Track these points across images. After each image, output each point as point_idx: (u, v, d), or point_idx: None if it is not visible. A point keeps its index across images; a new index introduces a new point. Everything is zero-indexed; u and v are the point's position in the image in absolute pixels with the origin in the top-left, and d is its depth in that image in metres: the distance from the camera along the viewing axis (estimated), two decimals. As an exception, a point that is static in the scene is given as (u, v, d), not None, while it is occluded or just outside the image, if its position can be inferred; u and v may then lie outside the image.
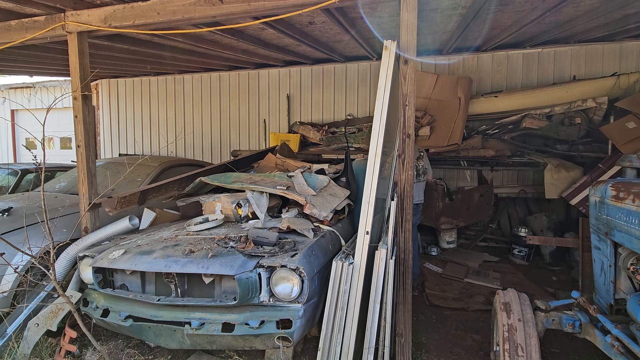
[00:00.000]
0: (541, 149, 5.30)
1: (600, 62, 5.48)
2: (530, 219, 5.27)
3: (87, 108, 3.40)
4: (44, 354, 2.82)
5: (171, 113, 7.74)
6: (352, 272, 2.41)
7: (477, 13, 3.75)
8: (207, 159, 7.41)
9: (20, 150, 10.11)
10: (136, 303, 2.59)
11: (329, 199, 3.27)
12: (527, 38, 5.18)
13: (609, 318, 2.07)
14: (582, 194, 4.43)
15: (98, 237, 3.14)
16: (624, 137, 4.38)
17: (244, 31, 4.51)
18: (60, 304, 2.80)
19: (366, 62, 6.43)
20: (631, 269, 2.07)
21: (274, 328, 2.32)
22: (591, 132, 5.11)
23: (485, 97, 5.55)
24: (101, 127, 8.32)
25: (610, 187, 2.26)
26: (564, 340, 2.95)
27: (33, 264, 2.76)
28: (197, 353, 2.84)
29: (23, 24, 3.50)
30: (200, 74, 7.40)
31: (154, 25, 3.24)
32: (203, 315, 2.42)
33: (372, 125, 2.61)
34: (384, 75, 2.59)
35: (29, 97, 9.61)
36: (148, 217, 3.73)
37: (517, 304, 2.31)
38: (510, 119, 5.43)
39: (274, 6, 2.82)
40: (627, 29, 4.59)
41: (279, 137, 6.56)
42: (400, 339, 2.56)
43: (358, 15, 3.99)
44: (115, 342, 2.99)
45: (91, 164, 3.44)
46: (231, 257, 2.43)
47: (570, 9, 3.85)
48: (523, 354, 2.03)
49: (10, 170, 5.54)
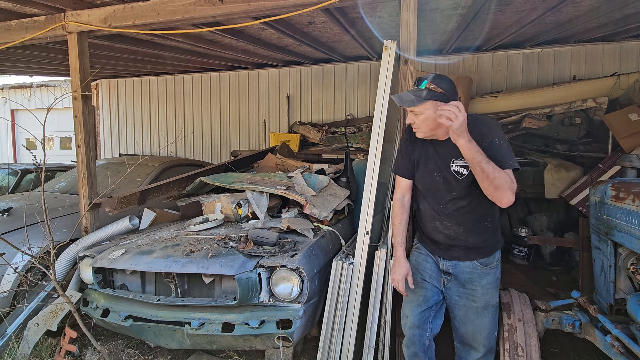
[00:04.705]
0: (541, 149, 5.30)
1: (600, 62, 5.48)
2: (530, 219, 5.26)
3: (87, 108, 3.40)
4: (44, 354, 2.82)
5: (171, 113, 7.73)
6: (352, 272, 2.42)
7: (477, 13, 3.75)
8: (207, 159, 7.41)
9: (20, 150, 10.11)
10: (136, 303, 2.59)
11: (329, 199, 3.27)
12: (527, 38, 5.17)
13: (609, 318, 2.07)
14: (582, 194, 4.43)
15: (98, 237, 3.14)
16: (625, 130, 4.34)
17: (244, 31, 4.51)
18: (60, 304, 2.80)
19: (366, 62, 6.43)
20: (631, 269, 2.07)
21: (274, 328, 2.32)
22: (591, 132, 5.10)
23: (485, 97, 5.55)
24: (101, 127, 8.32)
25: (610, 187, 2.26)
26: (564, 340, 2.95)
27: (33, 264, 2.76)
28: (197, 353, 2.84)
29: (23, 24, 3.50)
30: (200, 74, 7.40)
31: (154, 25, 3.23)
32: (203, 315, 2.42)
33: (372, 125, 2.61)
34: (384, 75, 2.59)
35: (29, 97, 9.61)
36: (148, 217, 3.73)
37: (517, 304, 2.31)
38: (510, 119, 5.42)
39: (274, 6, 2.82)
40: (627, 29, 4.58)
41: (279, 137, 6.55)
42: (400, 339, 2.55)
43: (358, 15, 3.98)
44: (115, 342, 2.99)
45: (91, 164, 3.44)
46: (231, 257, 2.43)
47: (570, 9, 3.85)
48: (523, 354, 2.03)
49: (10, 170, 5.54)
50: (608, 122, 4.56)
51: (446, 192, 1.93)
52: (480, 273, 1.98)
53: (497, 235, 2.03)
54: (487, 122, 1.85)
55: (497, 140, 1.77)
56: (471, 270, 1.99)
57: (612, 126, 4.50)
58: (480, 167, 1.68)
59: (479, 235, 1.96)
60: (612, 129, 4.53)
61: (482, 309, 1.97)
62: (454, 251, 2.01)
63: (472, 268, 1.98)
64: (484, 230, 1.96)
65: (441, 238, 2.02)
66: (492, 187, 1.69)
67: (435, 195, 1.98)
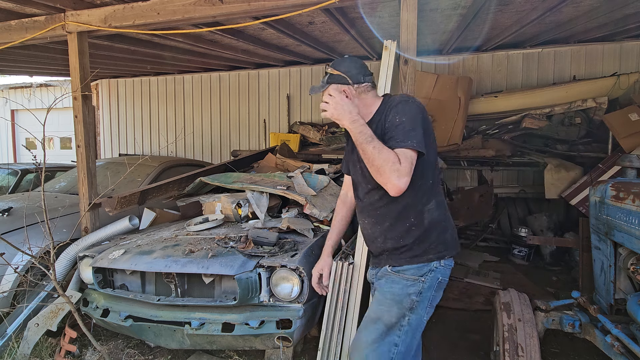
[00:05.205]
0: (541, 149, 5.30)
1: (600, 62, 5.48)
2: (530, 219, 5.26)
3: (87, 108, 3.40)
4: (44, 354, 2.82)
5: (171, 113, 7.74)
6: (352, 272, 2.41)
7: (477, 13, 3.75)
8: (207, 159, 7.41)
9: (20, 150, 10.11)
10: (136, 303, 2.59)
11: (329, 199, 3.27)
12: (527, 38, 5.18)
13: (609, 318, 2.07)
14: (582, 194, 4.43)
15: (98, 237, 3.14)
16: (625, 130, 4.35)
17: (244, 31, 4.51)
18: (60, 304, 2.80)
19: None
20: (631, 269, 2.07)
21: (274, 328, 2.32)
22: (591, 132, 5.10)
23: (485, 97, 5.55)
24: (101, 127, 8.32)
25: (610, 187, 2.26)
26: (564, 340, 2.95)
27: (33, 264, 2.76)
28: (197, 353, 2.84)
29: (23, 24, 3.50)
30: (200, 74, 7.40)
31: (154, 25, 3.23)
32: (203, 315, 2.42)
33: (372, 125, 2.60)
34: (384, 75, 2.59)
35: (29, 97, 9.61)
36: (148, 217, 3.73)
37: (517, 304, 2.31)
38: (510, 119, 5.43)
39: (274, 6, 2.81)
40: (627, 29, 4.59)
41: (279, 137, 6.55)
42: (400, 339, 2.55)
43: (358, 15, 3.98)
44: (115, 342, 2.99)
45: (91, 164, 3.44)
46: (231, 257, 2.43)
47: (570, 9, 3.85)
48: (523, 354, 2.03)
49: (10, 170, 5.54)
50: (608, 122, 4.56)
51: (364, 183, 1.70)
52: (388, 279, 1.65)
53: (428, 239, 1.62)
54: (397, 100, 1.62)
55: (399, 117, 1.53)
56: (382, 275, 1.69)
57: (612, 126, 4.50)
58: (362, 148, 1.46)
59: (395, 238, 1.64)
60: (612, 129, 4.53)
61: (370, 322, 1.61)
62: (379, 258, 1.74)
63: (384, 273, 1.69)
64: (404, 233, 1.62)
65: (367, 239, 1.80)
66: (374, 171, 1.45)
67: (358, 189, 1.78)
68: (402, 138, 1.46)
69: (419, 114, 1.55)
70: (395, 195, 1.45)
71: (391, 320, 1.56)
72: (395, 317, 1.57)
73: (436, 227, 1.63)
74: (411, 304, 1.57)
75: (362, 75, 1.68)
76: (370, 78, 1.71)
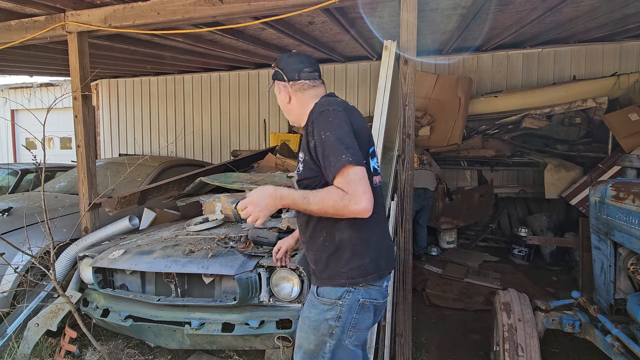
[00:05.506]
0: (541, 149, 5.30)
1: (600, 62, 5.48)
2: (530, 219, 5.26)
3: (87, 108, 3.40)
4: (44, 354, 2.82)
5: (171, 113, 7.73)
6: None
7: (477, 13, 3.75)
8: (207, 159, 7.41)
9: (20, 150, 10.11)
10: (136, 303, 2.59)
11: (329, 199, 3.27)
12: (527, 38, 5.17)
13: (609, 318, 2.07)
14: (582, 194, 4.43)
15: (98, 237, 3.14)
16: (625, 130, 4.35)
17: (244, 31, 4.51)
18: (60, 304, 2.80)
19: (366, 62, 6.43)
20: (631, 269, 2.07)
21: (273, 328, 2.32)
22: (591, 132, 5.10)
23: (485, 97, 5.55)
24: (101, 127, 8.32)
25: (610, 187, 2.26)
26: (564, 340, 2.95)
27: (33, 264, 2.76)
28: (197, 353, 2.84)
29: (23, 24, 3.50)
30: (200, 74, 7.40)
31: (154, 25, 3.23)
32: (203, 315, 2.42)
33: (372, 125, 2.61)
34: (384, 75, 2.59)
35: (29, 97, 9.61)
36: (148, 217, 3.73)
37: (517, 304, 2.31)
38: (510, 119, 5.43)
39: (274, 6, 2.82)
40: (627, 29, 4.59)
41: (279, 137, 6.56)
42: (400, 339, 2.56)
43: (358, 15, 3.98)
44: (115, 342, 2.99)
45: (91, 164, 3.44)
46: (231, 257, 2.43)
47: (570, 9, 3.85)
48: (523, 354, 2.03)
49: (10, 170, 5.54)
50: (608, 122, 4.56)
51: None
52: (308, 302, 1.57)
53: (339, 263, 1.50)
54: (316, 112, 1.48)
55: (323, 132, 1.41)
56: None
57: (612, 126, 4.50)
58: (307, 210, 1.41)
59: (314, 251, 1.58)
60: (612, 129, 4.53)
61: (296, 349, 1.57)
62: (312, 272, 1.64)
63: (310, 294, 1.60)
64: (319, 248, 1.55)
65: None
66: (334, 215, 1.39)
67: None
68: (334, 159, 1.35)
69: (336, 119, 1.43)
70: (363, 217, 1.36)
71: (310, 347, 1.50)
72: (313, 344, 1.49)
73: (347, 249, 1.49)
74: (329, 330, 1.47)
75: (297, 72, 1.61)
76: (309, 75, 1.62)
